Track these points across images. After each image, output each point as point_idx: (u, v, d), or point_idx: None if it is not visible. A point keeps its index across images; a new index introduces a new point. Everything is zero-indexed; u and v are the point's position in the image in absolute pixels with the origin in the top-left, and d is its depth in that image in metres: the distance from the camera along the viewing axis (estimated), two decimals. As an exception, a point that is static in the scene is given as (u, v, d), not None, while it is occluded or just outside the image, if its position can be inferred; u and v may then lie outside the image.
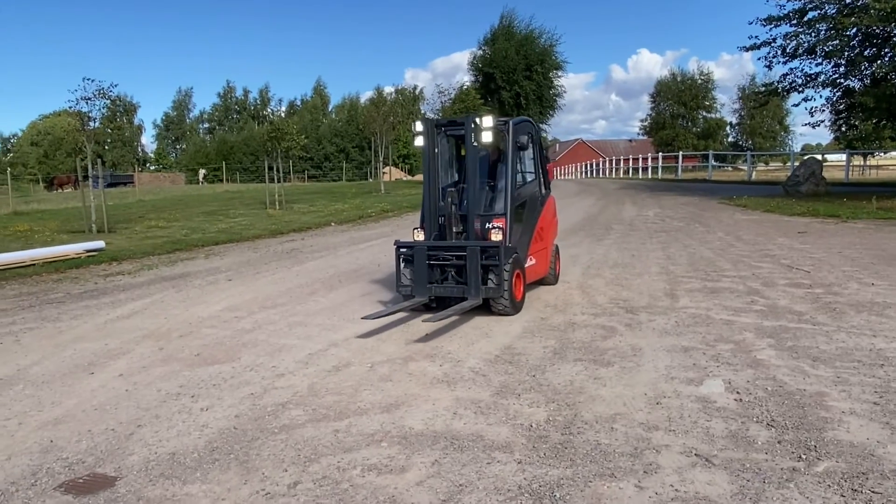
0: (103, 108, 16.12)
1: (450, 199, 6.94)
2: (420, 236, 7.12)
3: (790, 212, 16.68)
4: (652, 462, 3.46)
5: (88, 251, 12.12)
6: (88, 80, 15.38)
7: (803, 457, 3.46)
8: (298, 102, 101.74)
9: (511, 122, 7.46)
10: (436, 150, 7.12)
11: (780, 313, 6.54)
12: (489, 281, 6.61)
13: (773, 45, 23.34)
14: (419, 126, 7.13)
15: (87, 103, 15.49)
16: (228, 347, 5.96)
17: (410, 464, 3.53)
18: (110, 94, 15.86)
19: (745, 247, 11.15)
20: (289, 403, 4.51)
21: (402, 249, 7.07)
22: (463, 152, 7.54)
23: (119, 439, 3.98)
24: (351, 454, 3.68)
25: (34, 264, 10.92)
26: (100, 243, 12.76)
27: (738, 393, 4.44)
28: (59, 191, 49.17)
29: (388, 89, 60.41)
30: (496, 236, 6.66)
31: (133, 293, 8.77)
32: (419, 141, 7.12)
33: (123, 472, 3.55)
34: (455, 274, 6.83)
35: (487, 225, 6.98)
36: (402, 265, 7.00)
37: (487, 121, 6.82)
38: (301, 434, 3.98)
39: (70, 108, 15.88)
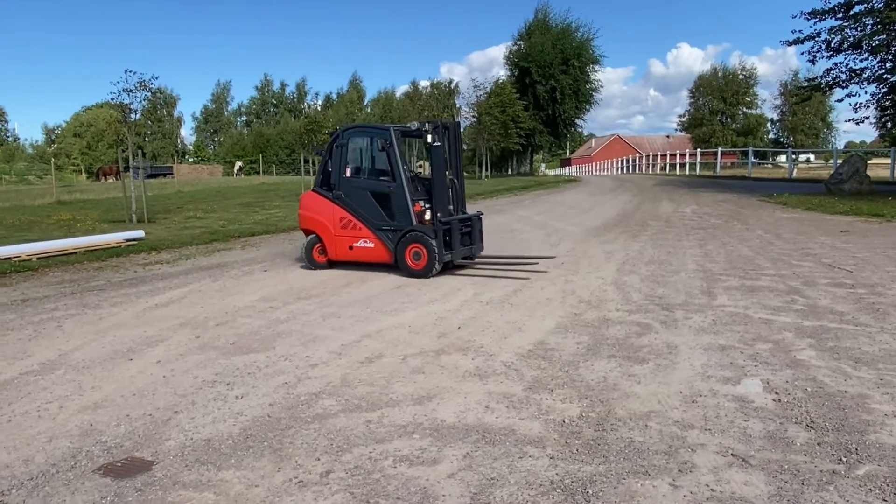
0: (144, 100, 16.39)
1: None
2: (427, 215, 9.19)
3: (832, 210, 16.29)
4: (687, 461, 3.41)
5: (128, 240, 12.37)
6: (130, 72, 15.65)
7: (844, 459, 3.38)
8: (334, 96, 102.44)
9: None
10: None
11: (820, 313, 6.39)
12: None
13: (817, 39, 22.82)
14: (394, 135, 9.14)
15: (128, 95, 15.75)
16: (263, 337, 6.03)
17: (442, 456, 3.53)
18: (151, 86, 16.09)
19: (786, 245, 10.92)
20: (322, 393, 4.54)
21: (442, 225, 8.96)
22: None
23: (156, 424, 4.06)
24: (383, 445, 3.69)
25: (76, 252, 11.18)
26: (139, 233, 13.02)
27: (776, 393, 4.35)
28: (104, 180, 50.29)
29: (424, 83, 60.41)
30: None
31: (171, 282, 8.92)
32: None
33: (160, 456, 3.61)
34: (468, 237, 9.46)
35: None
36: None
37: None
38: (334, 424, 4.01)
39: (112, 100, 16.16)
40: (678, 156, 45.92)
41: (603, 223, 15.12)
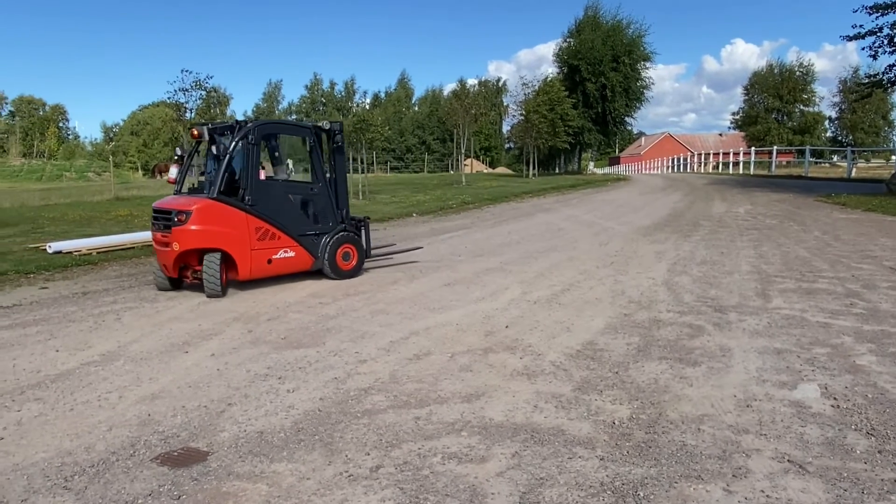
0: (198, 99, 16.81)
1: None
2: None
3: (894, 211, 15.72)
4: (741, 466, 3.34)
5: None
6: (186, 71, 16.13)
7: (907, 469, 3.27)
8: (383, 94, 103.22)
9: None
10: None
11: (881, 317, 6.18)
12: None
13: (879, 34, 22.02)
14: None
15: (184, 94, 16.20)
16: (313, 332, 6.12)
17: (490, 454, 3.53)
18: (206, 85, 16.53)
19: (844, 247, 10.58)
20: (371, 389, 4.59)
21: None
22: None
23: (211, 416, 4.15)
24: (431, 441, 3.71)
25: (134, 247, 11.52)
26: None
27: (835, 399, 4.23)
28: (160, 178, 51.70)
29: (472, 81, 60.49)
30: None
31: (224, 277, 9.11)
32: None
33: (215, 447, 3.70)
34: None
35: None
36: None
37: None
38: (383, 419, 4.04)
39: (169, 98, 16.67)
40: (731, 154, 44.87)
41: (653, 223, 14.88)
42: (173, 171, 8.77)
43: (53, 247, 10.87)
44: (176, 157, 8.93)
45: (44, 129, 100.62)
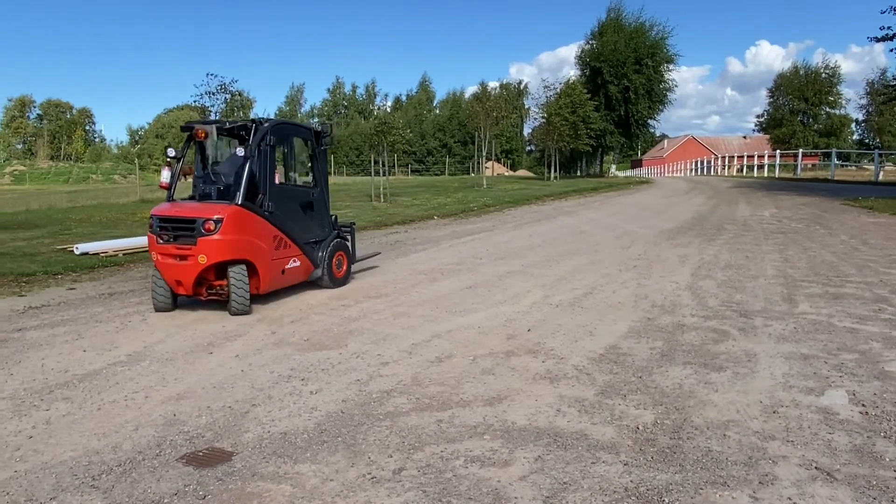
0: (223, 102, 16.99)
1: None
2: None
3: (924, 215, 15.44)
4: (768, 473, 3.30)
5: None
6: (211, 75, 16.33)
7: (939, 478, 3.21)
8: (404, 97, 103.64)
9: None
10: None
11: (912, 323, 6.08)
12: None
13: (908, 35, 21.67)
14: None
15: (209, 97, 16.38)
16: (336, 334, 6.15)
17: (513, 458, 3.52)
18: (231, 88, 16.69)
19: (872, 251, 10.41)
20: (393, 391, 4.60)
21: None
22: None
23: (235, 416, 4.19)
24: (454, 445, 3.71)
25: (159, 249, 11.63)
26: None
27: (863, 405, 4.16)
28: (184, 180, 52.25)
29: (493, 84, 60.38)
30: None
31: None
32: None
33: (239, 447, 3.73)
34: None
35: None
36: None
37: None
38: (405, 422, 4.05)
39: (194, 102, 16.86)
40: (756, 157, 44.38)
41: (676, 226, 14.76)
42: (166, 175, 7.84)
43: (80, 248, 11.03)
44: (169, 159, 7.95)
45: (71, 132, 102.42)
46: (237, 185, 7.19)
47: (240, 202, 7.03)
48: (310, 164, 8.53)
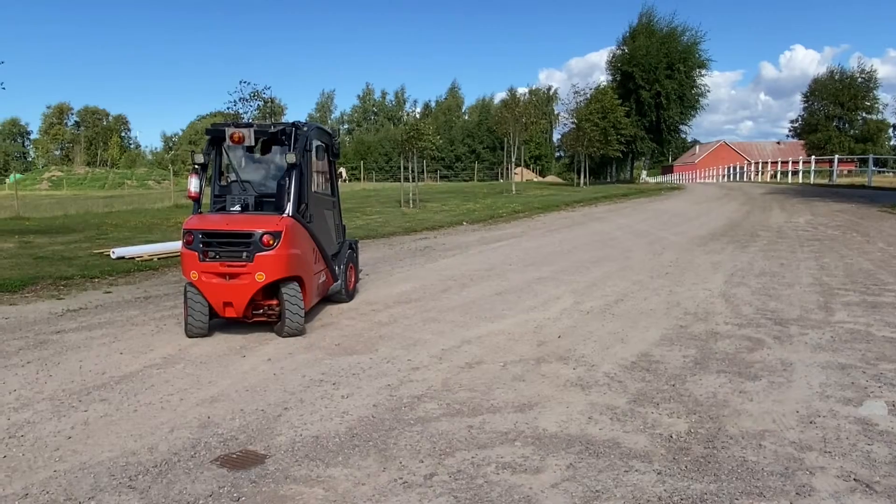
0: (256, 109, 17.21)
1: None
2: None
3: (966, 222, 15.06)
4: (805, 484, 3.24)
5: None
6: (245, 82, 16.49)
7: None
8: (433, 104, 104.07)
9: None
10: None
11: (954, 333, 5.92)
12: None
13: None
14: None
15: (242, 104, 16.61)
16: (366, 339, 6.18)
17: (545, 465, 3.50)
18: (264, 95, 16.90)
19: (912, 259, 10.18)
20: (424, 396, 4.60)
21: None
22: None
23: (268, 420, 4.23)
24: (485, 451, 3.70)
25: (192, 253, 11.79)
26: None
27: (904, 417, 4.07)
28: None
29: (522, 90, 60.42)
30: None
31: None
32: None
33: (272, 450, 3.77)
34: None
35: None
36: None
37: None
38: (436, 427, 4.05)
39: (228, 109, 17.09)
40: (790, 163, 43.67)
41: (709, 232, 14.58)
42: (195, 184, 6.90)
43: (117, 252, 11.23)
44: (196, 166, 6.94)
45: (107, 138, 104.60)
46: (282, 194, 6.66)
47: (290, 213, 6.46)
48: (328, 171, 8.05)
